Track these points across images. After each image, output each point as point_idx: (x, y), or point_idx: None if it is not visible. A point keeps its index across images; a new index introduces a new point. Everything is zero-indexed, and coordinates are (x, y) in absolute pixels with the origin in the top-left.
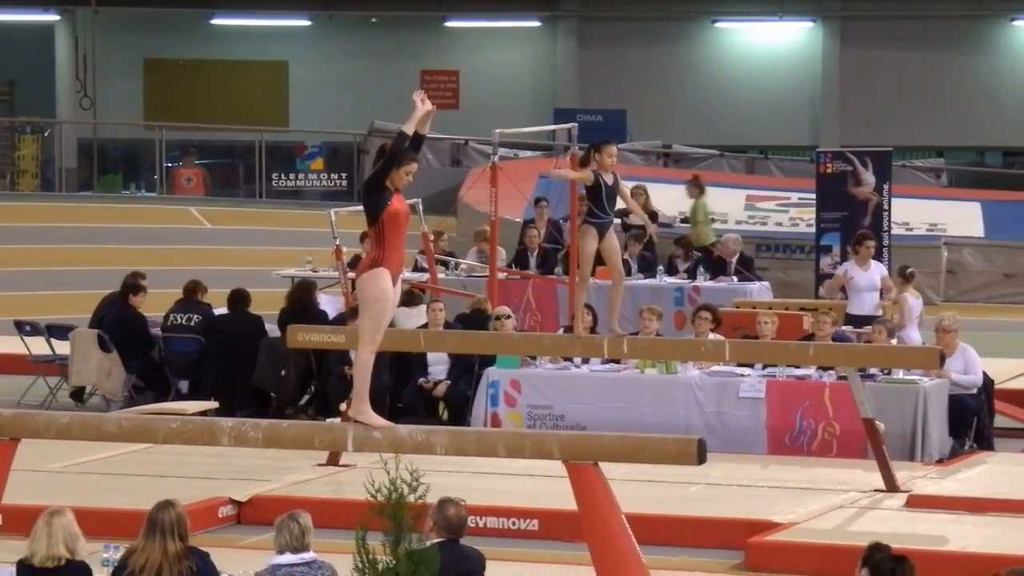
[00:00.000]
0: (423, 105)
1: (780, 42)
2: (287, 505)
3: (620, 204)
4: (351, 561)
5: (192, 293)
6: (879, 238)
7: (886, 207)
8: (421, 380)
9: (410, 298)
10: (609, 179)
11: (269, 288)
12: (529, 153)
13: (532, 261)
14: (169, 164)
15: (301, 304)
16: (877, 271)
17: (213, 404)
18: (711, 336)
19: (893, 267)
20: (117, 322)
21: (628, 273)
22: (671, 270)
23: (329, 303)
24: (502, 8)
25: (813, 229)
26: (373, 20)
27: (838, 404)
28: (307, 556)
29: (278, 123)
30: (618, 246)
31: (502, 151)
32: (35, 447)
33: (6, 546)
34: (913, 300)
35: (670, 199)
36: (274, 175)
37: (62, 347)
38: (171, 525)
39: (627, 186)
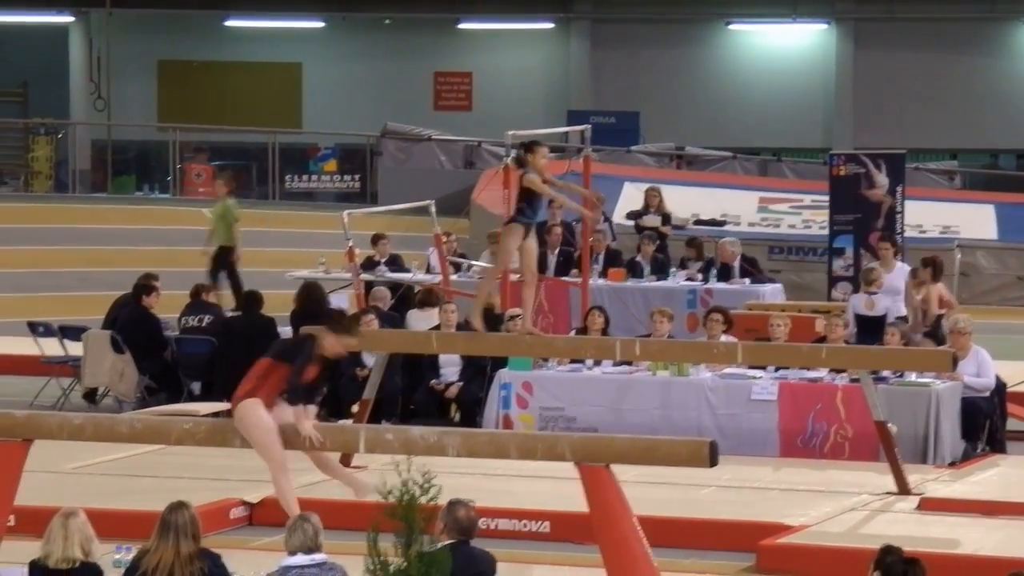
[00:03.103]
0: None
1: (793, 44)
2: (299, 506)
3: (631, 207)
4: (363, 563)
5: (198, 295)
6: (892, 240)
7: (899, 209)
8: (433, 382)
9: (425, 299)
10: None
11: (282, 290)
12: None
13: (552, 261)
14: (181, 165)
15: (310, 306)
16: (900, 274)
17: (225, 405)
18: (723, 338)
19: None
20: (130, 323)
21: (640, 275)
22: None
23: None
24: (515, 10)
25: (826, 231)
26: (387, 22)
27: (850, 407)
28: (318, 557)
29: (291, 124)
30: (536, 248)
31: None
32: (48, 448)
33: (19, 547)
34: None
35: (684, 201)
36: (287, 177)
37: (75, 348)
38: (183, 526)
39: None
